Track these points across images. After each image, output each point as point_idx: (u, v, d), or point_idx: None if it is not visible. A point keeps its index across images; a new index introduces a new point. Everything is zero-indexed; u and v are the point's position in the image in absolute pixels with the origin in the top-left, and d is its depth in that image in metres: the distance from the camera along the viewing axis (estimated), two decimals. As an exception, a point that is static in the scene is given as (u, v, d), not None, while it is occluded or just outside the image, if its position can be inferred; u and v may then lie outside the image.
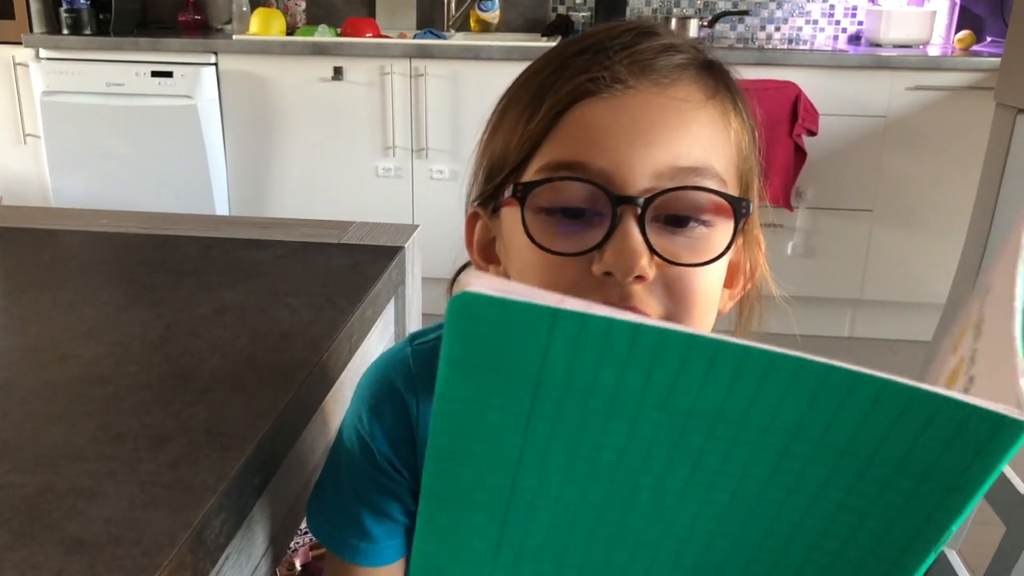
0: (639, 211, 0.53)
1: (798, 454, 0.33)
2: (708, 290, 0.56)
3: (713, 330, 0.62)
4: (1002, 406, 0.30)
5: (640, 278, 0.53)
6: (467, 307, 0.30)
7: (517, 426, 0.34)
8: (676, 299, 0.55)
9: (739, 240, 0.60)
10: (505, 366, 0.32)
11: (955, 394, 0.30)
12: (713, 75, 0.59)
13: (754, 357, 0.30)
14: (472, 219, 0.64)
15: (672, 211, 0.54)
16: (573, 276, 0.54)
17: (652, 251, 0.53)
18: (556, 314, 0.30)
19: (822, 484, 0.34)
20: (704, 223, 0.55)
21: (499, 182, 0.60)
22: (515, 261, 0.59)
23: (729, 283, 0.62)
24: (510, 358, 0.31)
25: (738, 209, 0.55)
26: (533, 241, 0.55)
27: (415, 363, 0.67)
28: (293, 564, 1.28)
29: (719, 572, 0.39)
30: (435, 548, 0.41)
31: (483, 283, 0.29)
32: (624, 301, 0.53)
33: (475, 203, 0.64)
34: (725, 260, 0.57)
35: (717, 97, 0.58)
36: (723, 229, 0.56)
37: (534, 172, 0.57)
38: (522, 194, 0.56)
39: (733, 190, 0.57)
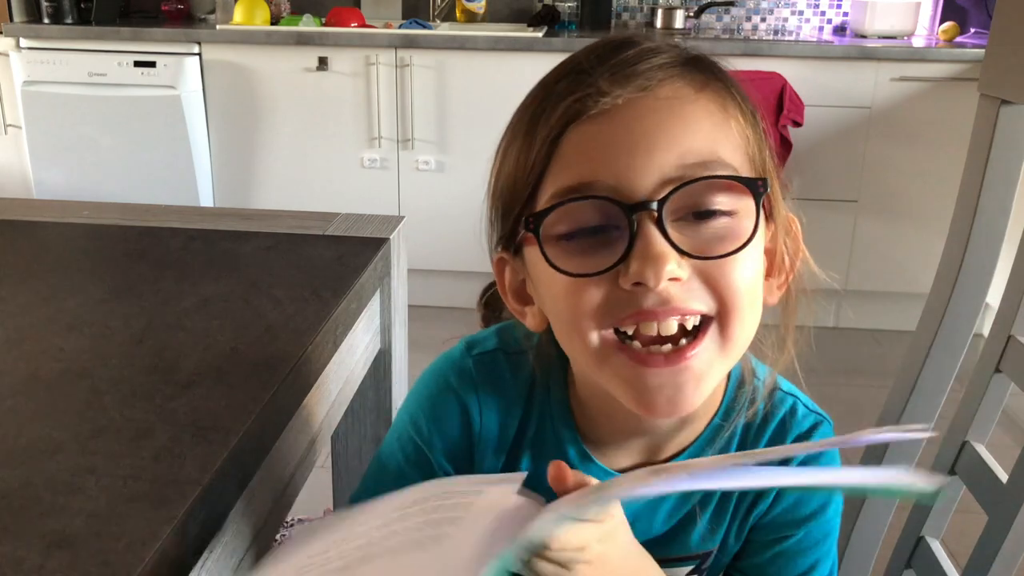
0: (655, 215, 0.52)
1: None
2: (749, 281, 0.55)
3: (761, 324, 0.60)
4: None
5: (674, 280, 0.52)
6: None
7: None
8: (718, 295, 0.54)
9: (770, 225, 0.59)
10: None
11: None
12: (700, 69, 0.58)
13: None
14: (500, 264, 0.63)
15: (691, 207, 0.53)
16: (603, 294, 0.53)
17: (679, 251, 0.52)
18: None
19: None
20: (727, 213, 0.54)
21: (513, 221, 0.59)
22: (545, 294, 0.58)
23: (770, 272, 0.60)
24: None
25: (755, 189, 0.54)
26: (554, 266, 0.54)
27: (477, 371, 0.66)
28: (279, 557, 1.27)
29: None
30: None
31: None
32: (664, 304, 0.52)
33: (498, 248, 0.62)
34: (759, 247, 0.56)
35: (708, 88, 0.57)
36: (747, 214, 0.54)
37: (544, 203, 0.56)
38: (534, 225, 0.55)
39: (748, 174, 0.56)
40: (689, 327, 0.54)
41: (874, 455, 0.90)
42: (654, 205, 0.52)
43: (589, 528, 0.51)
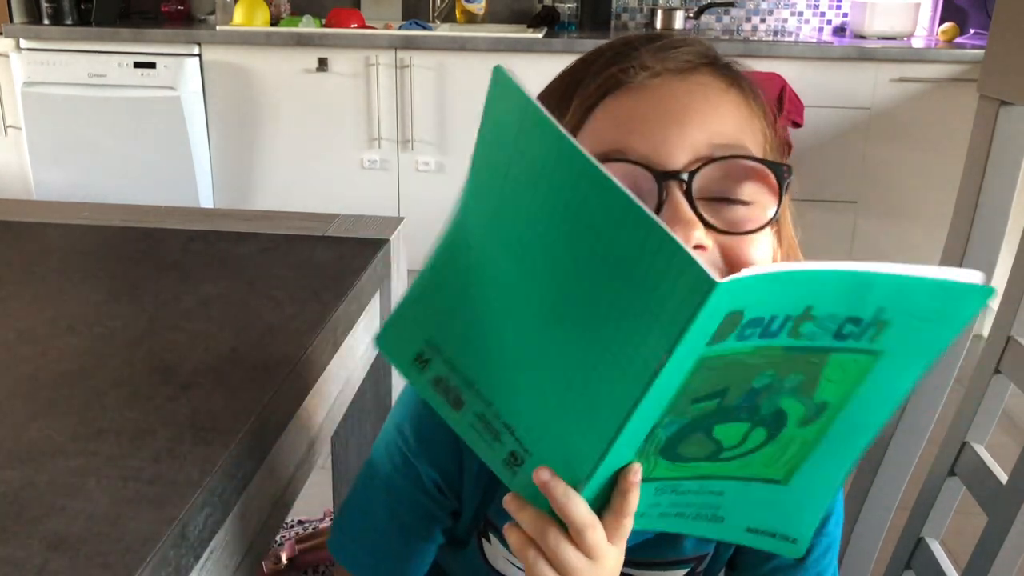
0: (684, 185, 0.53)
1: None
2: (765, 262, 0.56)
3: None
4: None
5: (699, 247, 0.52)
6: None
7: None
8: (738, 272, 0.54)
9: (776, 246, 0.59)
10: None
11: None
12: (729, 71, 0.61)
13: None
14: None
15: (715, 191, 0.55)
16: None
17: (705, 223, 0.53)
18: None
19: None
20: (747, 203, 0.55)
21: None
22: None
23: None
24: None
25: (780, 175, 0.56)
26: None
27: None
28: (279, 557, 1.27)
29: None
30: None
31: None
32: None
33: None
34: (772, 245, 0.57)
35: (736, 86, 0.59)
36: (768, 205, 0.56)
37: None
38: None
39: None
40: None
41: (873, 458, 0.90)
42: (685, 176, 0.53)
43: (613, 549, 0.50)
